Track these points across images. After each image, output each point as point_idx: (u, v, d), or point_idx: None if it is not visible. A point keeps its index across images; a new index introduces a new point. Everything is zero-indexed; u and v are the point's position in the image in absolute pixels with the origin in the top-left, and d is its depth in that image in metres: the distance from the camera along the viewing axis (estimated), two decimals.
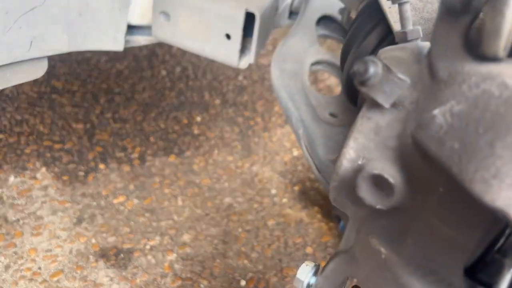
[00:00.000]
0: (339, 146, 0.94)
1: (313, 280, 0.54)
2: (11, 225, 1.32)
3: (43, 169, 1.50)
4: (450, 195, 0.38)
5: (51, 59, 0.99)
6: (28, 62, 0.89)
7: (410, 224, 0.42)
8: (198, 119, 1.82)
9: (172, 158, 1.63)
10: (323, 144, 0.94)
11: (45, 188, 1.44)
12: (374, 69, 0.38)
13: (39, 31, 0.87)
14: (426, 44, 0.44)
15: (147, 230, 1.38)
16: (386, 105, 0.40)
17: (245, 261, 1.35)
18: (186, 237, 1.38)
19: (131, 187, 1.50)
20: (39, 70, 0.93)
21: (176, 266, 1.30)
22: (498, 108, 0.32)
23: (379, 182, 0.42)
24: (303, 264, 0.54)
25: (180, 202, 1.48)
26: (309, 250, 1.41)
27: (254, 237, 1.42)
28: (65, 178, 1.49)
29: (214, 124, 1.81)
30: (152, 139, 1.69)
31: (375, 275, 0.44)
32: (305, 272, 0.53)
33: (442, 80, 0.38)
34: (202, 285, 1.26)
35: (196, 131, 1.76)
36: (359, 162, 0.44)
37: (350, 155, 0.44)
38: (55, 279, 1.22)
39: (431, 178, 0.39)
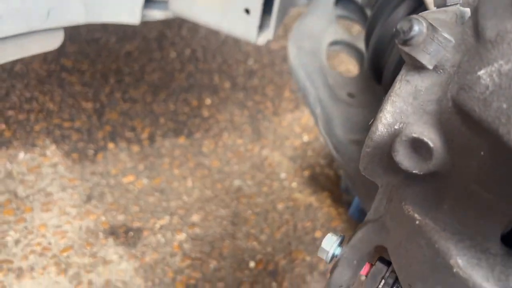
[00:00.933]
0: (357, 126, 0.93)
1: (338, 251, 0.53)
2: (21, 201, 1.32)
3: (53, 147, 1.49)
4: (492, 159, 0.37)
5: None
6: (44, 32, 0.88)
7: (447, 189, 0.41)
8: (208, 101, 1.81)
9: (181, 140, 1.62)
10: (340, 123, 0.93)
11: (54, 165, 1.44)
12: (419, 27, 0.37)
13: (57, 1, 0.86)
14: (467, 10, 0.42)
15: (157, 210, 1.37)
16: (430, 66, 0.39)
17: (254, 243, 1.34)
18: (195, 218, 1.37)
19: (141, 167, 1.49)
20: (55, 41, 0.92)
21: (186, 246, 1.29)
22: None
23: (417, 146, 0.41)
24: (329, 234, 0.53)
25: (189, 183, 1.48)
26: (318, 234, 1.41)
27: (263, 220, 1.42)
28: (74, 156, 1.48)
29: (224, 107, 1.80)
30: (161, 120, 1.68)
31: (408, 242, 0.43)
32: (330, 242, 0.53)
33: (489, 40, 0.36)
34: (211, 265, 1.26)
35: (205, 114, 1.75)
36: (396, 127, 0.42)
37: (386, 120, 0.43)
38: (65, 254, 1.22)
39: (472, 142, 0.38)
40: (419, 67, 0.41)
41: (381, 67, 0.77)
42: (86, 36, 1.96)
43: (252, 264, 1.28)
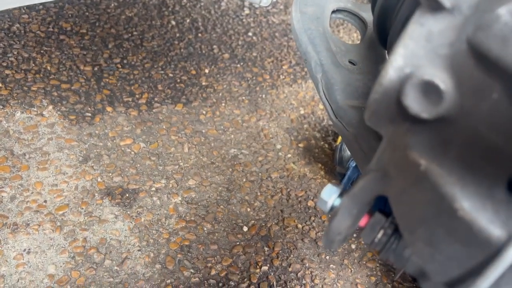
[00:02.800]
0: (357, 92, 0.94)
1: (337, 202, 0.53)
2: (17, 159, 1.32)
3: (50, 107, 1.48)
4: (505, 101, 0.36)
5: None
6: None
7: (454, 135, 0.40)
8: (206, 71, 1.80)
9: (179, 107, 1.62)
10: (341, 89, 0.94)
11: (51, 125, 1.44)
12: None
13: None
14: None
15: (153, 173, 1.38)
16: (447, 4, 0.39)
17: (248, 209, 1.36)
18: (191, 182, 1.39)
19: (138, 131, 1.49)
20: None
21: (181, 209, 1.31)
22: None
23: (427, 89, 0.40)
24: (328, 184, 0.53)
25: (186, 149, 1.48)
26: (310, 203, 1.43)
27: (257, 188, 1.43)
28: (72, 117, 1.48)
29: (222, 77, 1.80)
30: (160, 86, 1.67)
31: (411, 189, 0.43)
32: (330, 193, 0.53)
33: None
34: (205, 228, 1.28)
35: (204, 83, 1.75)
36: (407, 71, 0.42)
37: (397, 63, 0.42)
38: (60, 212, 1.23)
39: (484, 85, 0.38)
40: (434, 8, 0.40)
41: (387, 30, 0.77)
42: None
43: (245, 228, 1.31)
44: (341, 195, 0.55)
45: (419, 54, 0.41)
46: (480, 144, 0.39)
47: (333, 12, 1.08)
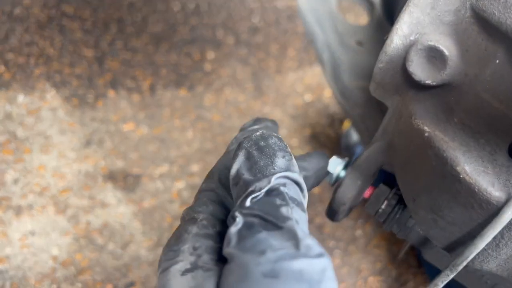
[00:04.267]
0: (363, 72, 0.93)
1: (343, 173, 0.53)
2: (21, 142, 1.32)
3: (53, 91, 1.47)
4: (507, 66, 0.37)
5: None
6: None
7: (458, 101, 0.41)
8: (211, 56, 1.78)
9: (183, 92, 1.61)
10: (348, 69, 0.92)
11: (54, 109, 1.43)
12: None
13: None
14: None
15: (156, 158, 1.37)
16: None
17: None
18: (195, 167, 1.38)
19: (141, 115, 1.48)
20: None
21: (185, 194, 1.30)
22: None
23: (432, 55, 0.41)
24: (334, 156, 0.53)
25: (190, 135, 1.47)
26: (316, 190, 1.42)
27: None
28: (74, 101, 1.47)
29: (226, 62, 1.78)
30: (163, 71, 1.66)
31: (416, 156, 0.43)
32: (335, 164, 0.53)
33: None
34: None
35: (208, 68, 1.73)
36: (411, 38, 0.42)
37: (402, 31, 0.42)
38: (63, 195, 1.23)
39: (487, 50, 0.38)
40: None
41: (393, 5, 0.76)
42: None
43: None
44: (346, 166, 0.54)
45: (424, 21, 0.41)
46: (483, 110, 0.39)
47: None
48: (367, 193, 0.53)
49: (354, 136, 1.43)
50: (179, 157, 1.39)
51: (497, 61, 0.37)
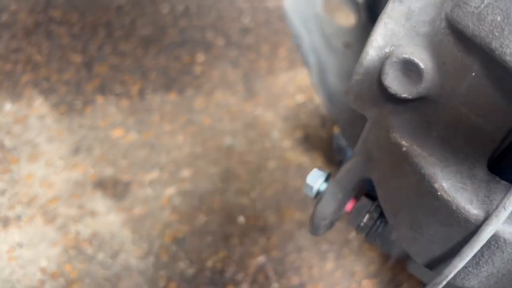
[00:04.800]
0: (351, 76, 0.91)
1: (323, 187, 0.51)
2: (8, 151, 1.30)
3: (40, 99, 1.45)
4: (483, 79, 0.35)
5: None
6: None
7: (435, 114, 0.40)
8: (201, 58, 1.76)
9: (172, 96, 1.59)
10: (335, 73, 0.90)
11: (42, 117, 1.41)
12: None
13: None
14: None
15: (146, 164, 1.36)
16: None
17: (244, 199, 1.34)
18: (185, 173, 1.36)
19: (130, 121, 1.47)
20: None
21: (175, 200, 1.29)
22: None
23: (407, 68, 0.39)
24: (314, 169, 0.52)
25: (180, 139, 1.46)
26: None
27: (253, 177, 1.41)
28: (62, 108, 1.45)
29: (217, 64, 1.76)
30: (152, 75, 1.64)
31: (394, 171, 0.42)
32: (315, 177, 0.51)
33: None
34: (200, 219, 1.26)
35: (198, 71, 1.71)
36: (387, 50, 0.41)
37: (377, 43, 0.41)
38: (52, 205, 1.21)
39: (463, 63, 0.37)
40: None
41: (376, 8, 0.74)
42: None
43: (241, 219, 1.28)
44: (327, 179, 0.53)
45: (399, 33, 0.40)
46: (461, 124, 0.38)
47: None
48: (349, 206, 0.52)
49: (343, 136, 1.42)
50: (169, 163, 1.38)
51: (473, 73, 0.36)
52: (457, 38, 0.36)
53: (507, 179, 0.39)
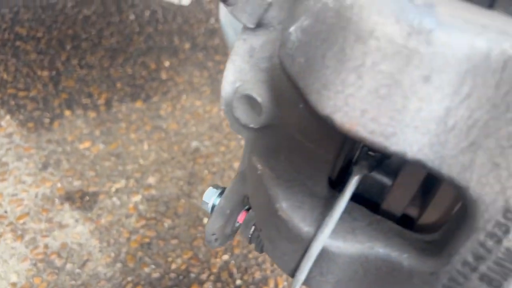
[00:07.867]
0: None
1: (217, 202, 0.55)
2: None
3: (7, 117, 1.50)
4: (307, 110, 0.39)
5: (14, 4, 0.97)
6: None
7: (280, 140, 0.43)
8: (167, 64, 1.80)
9: (139, 104, 1.63)
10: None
11: (9, 135, 1.45)
12: None
13: None
14: None
15: (113, 174, 1.40)
16: (250, 25, 0.40)
17: None
18: (151, 180, 1.41)
19: (97, 132, 1.51)
20: None
21: (141, 207, 1.33)
22: (331, 20, 0.31)
23: (250, 102, 0.43)
24: (210, 187, 0.56)
25: (146, 147, 1.50)
26: None
27: (219, 179, 1.45)
28: (30, 125, 1.49)
29: (183, 69, 1.79)
30: (119, 85, 1.68)
31: (254, 191, 0.46)
32: (210, 195, 0.55)
33: None
34: (166, 224, 1.30)
35: (164, 76, 1.75)
36: (237, 85, 0.44)
37: (229, 78, 0.44)
38: (21, 221, 1.26)
39: (293, 95, 0.40)
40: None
41: None
42: (41, 1, 1.92)
43: (206, 220, 1.33)
44: (220, 195, 0.57)
45: (245, 69, 0.43)
46: (300, 148, 0.41)
47: None
48: (241, 218, 0.56)
49: None
50: (135, 171, 1.42)
51: (301, 105, 0.39)
52: (285, 74, 0.40)
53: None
